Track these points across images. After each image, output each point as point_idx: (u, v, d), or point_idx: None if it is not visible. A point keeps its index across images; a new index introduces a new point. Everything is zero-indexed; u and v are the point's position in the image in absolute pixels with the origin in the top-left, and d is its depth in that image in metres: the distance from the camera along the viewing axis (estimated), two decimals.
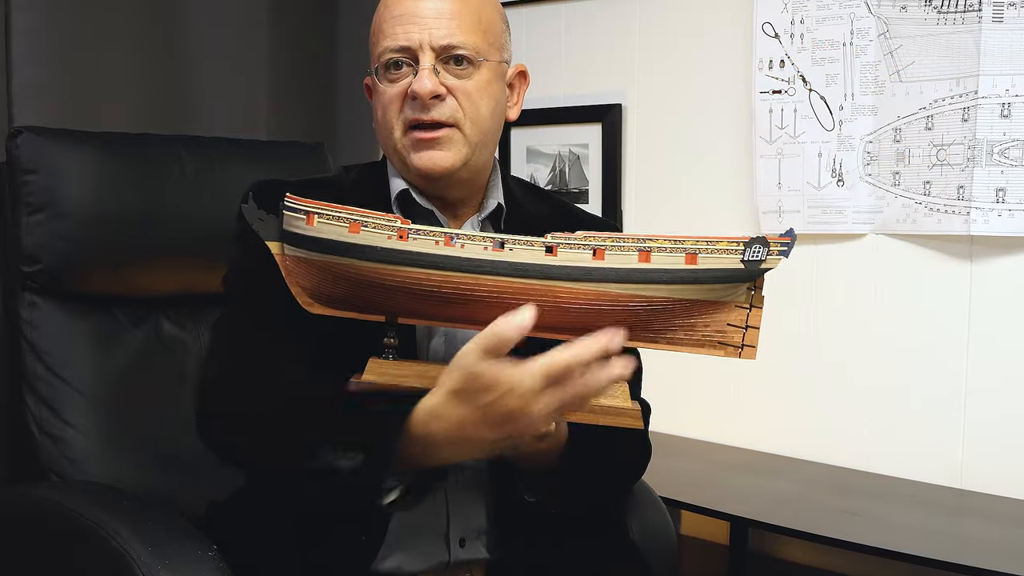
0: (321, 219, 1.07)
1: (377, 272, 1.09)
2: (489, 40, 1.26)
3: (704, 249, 1.08)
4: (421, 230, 1.08)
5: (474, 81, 1.25)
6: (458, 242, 1.07)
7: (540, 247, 1.07)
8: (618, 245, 1.08)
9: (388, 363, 1.13)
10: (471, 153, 1.26)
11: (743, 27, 2.23)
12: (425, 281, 1.08)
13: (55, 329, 1.56)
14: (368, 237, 1.07)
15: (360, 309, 1.13)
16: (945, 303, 2.01)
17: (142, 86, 2.22)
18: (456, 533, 1.29)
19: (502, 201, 1.34)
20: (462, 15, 1.24)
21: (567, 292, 1.08)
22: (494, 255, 1.07)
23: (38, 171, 1.54)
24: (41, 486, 1.49)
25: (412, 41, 1.22)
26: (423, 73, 1.21)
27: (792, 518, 1.78)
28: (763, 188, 2.21)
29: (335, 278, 1.10)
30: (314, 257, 1.09)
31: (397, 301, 1.11)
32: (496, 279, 1.08)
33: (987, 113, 1.90)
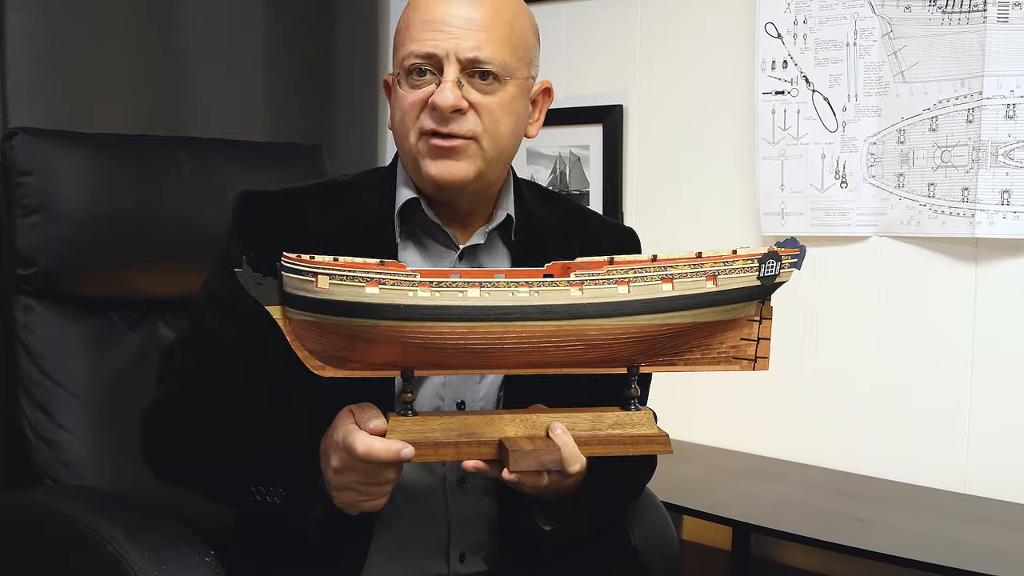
0: (333, 280, 1.01)
1: (400, 331, 1.04)
2: (518, 55, 1.23)
3: (723, 270, 1.09)
4: (443, 281, 1.03)
5: (498, 98, 1.21)
6: (484, 290, 1.04)
7: (566, 286, 1.06)
8: (641, 275, 1.07)
9: (409, 420, 1.10)
10: (485, 167, 1.23)
11: (745, 27, 2.22)
12: (450, 334, 1.05)
13: (50, 332, 1.56)
14: (388, 295, 1.02)
15: (376, 367, 1.09)
16: (950, 306, 2.00)
17: (138, 87, 2.22)
18: (457, 548, 1.29)
19: (512, 212, 1.31)
20: (493, 27, 1.20)
21: (596, 329, 1.08)
22: (521, 301, 1.05)
23: (33, 173, 1.53)
24: (36, 490, 1.49)
25: (439, 49, 1.18)
26: (446, 85, 1.18)
27: (795, 523, 1.77)
28: (765, 190, 2.20)
29: (351, 340, 1.05)
30: (327, 321, 1.03)
31: (417, 356, 1.07)
32: (524, 324, 1.06)
33: (992, 114, 1.89)
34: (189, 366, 1.26)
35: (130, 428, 1.53)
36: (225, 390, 1.22)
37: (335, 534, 1.22)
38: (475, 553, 1.30)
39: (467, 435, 1.11)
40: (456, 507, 1.28)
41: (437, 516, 1.27)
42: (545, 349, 1.08)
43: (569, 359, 1.10)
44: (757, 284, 1.11)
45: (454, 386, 1.26)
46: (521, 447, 1.09)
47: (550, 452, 1.09)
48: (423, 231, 1.28)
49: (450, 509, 1.27)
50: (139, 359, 1.61)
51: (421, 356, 1.07)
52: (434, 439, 1.09)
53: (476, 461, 1.11)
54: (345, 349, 1.06)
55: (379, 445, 1.07)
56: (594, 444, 1.14)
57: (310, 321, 1.03)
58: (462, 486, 1.27)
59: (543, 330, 1.07)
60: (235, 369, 1.22)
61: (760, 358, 1.15)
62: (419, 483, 1.25)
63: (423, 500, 1.26)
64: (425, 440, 1.09)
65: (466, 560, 1.29)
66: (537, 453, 1.09)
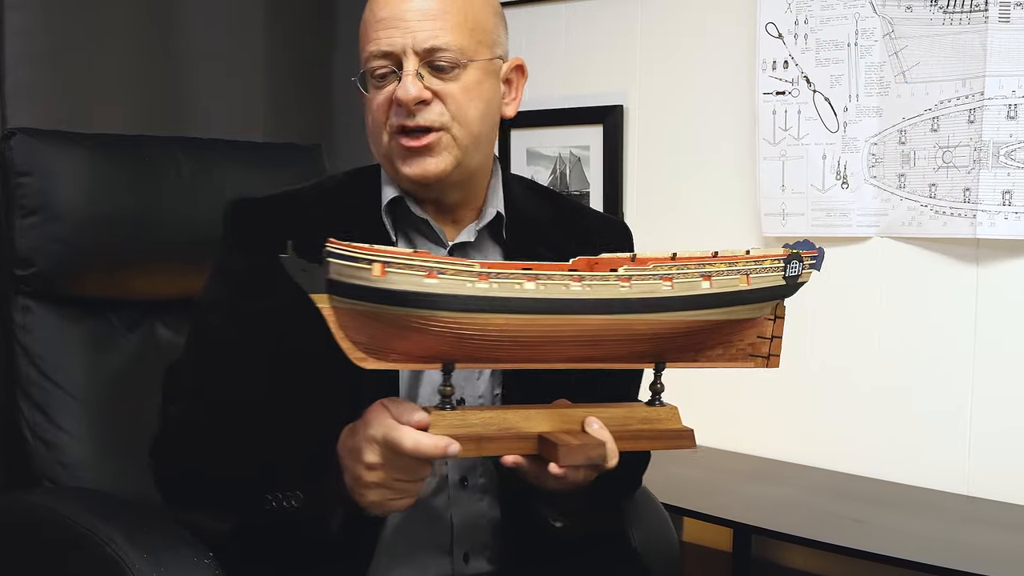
0: (391, 269, 0.99)
1: (458, 322, 1.03)
2: (477, 38, 1.22)
3: (755, 269, 1.12)
4: (501, 273, 1.03)
5: (461, 83, 1.21)
6: (540, 283, 1.04)
7: (615, 280, 1.07)
8: (683, 272, 1.09)
9: (450, 414, 1.08)
10: (462, 156, 1.23)
11: (746, 27, 2.22)
12: (506, 327, 1.05)
13: (49, 333, 1.55)
14: (447, 286, 1.01)
15: (422, 360, 1.07)
16: (951, 307, 2.00)
17: (137, 87, 2.22)
18: (460, 548, 1.28)
19: (501, 209, 1.31)
20: (447, 14, 1.20)
21: (643, 324, 1.09)
22: (575, 294, 1.05)
23: (32, 173, 1.53)
24: (35, 492, 1.48)
25: (395, 46, 1.19)
26: (406, 79, 1.18)
27: (796, 525, 1.77)
28: (766, 190, 2.20)
29: (402, 330, 1.03)
30: (380, 310, 1.01)
31: (469, 349, 1.06)
32: (577, 318, 1.06)
33: (993, 114, 1.89)
34: (200, 383, 1.24)
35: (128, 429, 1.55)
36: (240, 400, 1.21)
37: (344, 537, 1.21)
38: (479, 553, 1.29)
39: (507, 430, 1.10)
40: (458, 507, 1.27)
41: (440, 516, 1.26)
42: (594, 343, 1.09)
43: (613, 353, 1.12)
44: (783, 284, 1.15)
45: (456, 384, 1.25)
46: (569, 442, 1.09)
47: (597, 447, 1.10)
48: (412, 228, 1.28)
49: (452, 509, 1.27)
50: (138, 360, 1.61)
51: (473, 349, 1.06)
52: (477, 433, 1.08)
53: (516, 456, 1.11)
54: (393, 340, 1.04)
55: (428, 441, 1.05)
56: (625, 439, 1.14)
57: (360, 311, 1.01)
58: (464, 485, 1.27)
59: (594, 324, 1.07)
60: (249, 376, 1.21)
61: (772, 355, 1.19)
62: None
63: (426, 500, 1.25)
64: (468, 435, 1.08)
65: (470, 561, 1.29)
66: (585, 448, 1.09)
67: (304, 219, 1.26)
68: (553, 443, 1.08)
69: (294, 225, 1.24)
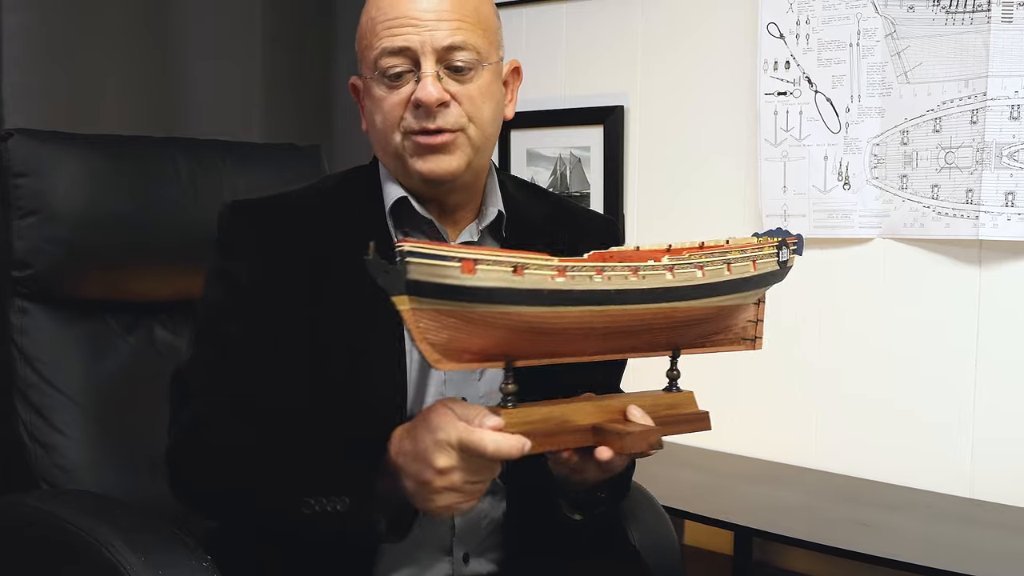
0: (482, 265, 0.98)
1: (541, 317, 1.03)
2: (489, 38, 1.22)
3: (759, 256, 1.17)
4: (575, 266, 1.04)
5: (477, 85, 1.21)
6: (607, 274, 1.05)
7: (662, 270, 1.09)
8: (711, 260, 1.13)
9: (516, 412, 1.08)
10: (473, 156, 1.23)
11: (747, 27, 2.22)
12: (577, 319, 1.05)
13: (46, 335, 1.55)
14: (532, 280, 1.01)
15: (493, 358, 1.07)
16: (954, 308, 2.00)
17: (135, 88, 2.21)
18: (460, 548, 1.28)
19: (502, 208, 1.31)
20: (462, 14, 1.19)
21: (683, 311, 1.12)
22: (632, 284, 1.07)
23: (29, 174, 1.52)
24: (32, 495, 1.47)
25: (412, 43, 1.17)
26: (427, 80, 1.17)
27: (797, 528, 1.77)
28: (768, 191, 2.19)
29: (485, 328, 1.02)
30: (468, 309, 1.00)
31: (542, 344, 1.07)
32: (638, 308, 1.08)
33: (996, 115, 1.88)
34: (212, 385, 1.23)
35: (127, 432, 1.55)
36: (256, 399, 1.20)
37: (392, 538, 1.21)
38: (479, 555, 1.29)
39: (565, 424, 1.11)
40: None
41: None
42: (641, 332, 1.12)
43: (656, 341, 1.16)
44: (777, 269, 1.20)
45: (455, 383, 1.25)
46: (632, 430, 1.11)
47: (654, 432, 1.12)
48: (415, 229, 1.27)
49: None
50: (136, 362, 1.60)
51: (546, 344, 1.07)
52: (542, 430, 1.09)
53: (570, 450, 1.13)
54: (472, 339, 1.03)
55: (508, 443, 1.03)
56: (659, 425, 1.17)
57: (443, 311, 1.00)
58: None
59: (646, 313, 1.09)
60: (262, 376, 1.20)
61: (757, 338, 1.24)
62: None
63: None
64: (536, 431, 1.08)
65: (470, 561, 1.28)
66: (646, 435, 1.11)
67: (302, 221, 1.25)
68: (617, 432, 1.10)
69: (291, 227, 1.25)
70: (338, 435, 1.14)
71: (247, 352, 1.21)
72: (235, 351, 1.22)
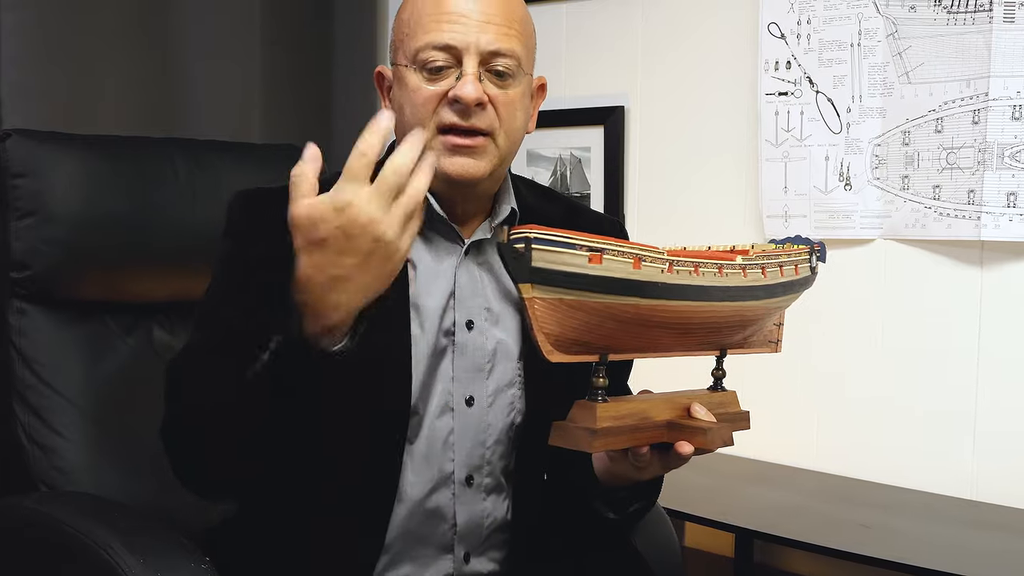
0: (609, 256, 0.98)
1: (653, 309, 1.04)
2: (529, 51, 1.24)
3: (797, 261, 1.21)
4: (680, 260, 1.05)
5: (513, 92, 1.22)
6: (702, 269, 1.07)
7: (737, 270, 1.12)
8: (769, 263, 1.17)
9: (605, 405, 1.08)
10: (499, 164, 1.23)
11: (748, 27, 2.21)
12: (680, 313, 1.07)
13: (44, 337, 1.54)
14: (648, 273, 1.02)
15: (596, 351, 1.07)
16: (956, 310, 2.00)
17: (133, 88, 2.21)
18: (461, 547, 1.28)
19: (515, 205, 1.31)
20: (510, 22, 1.20)
21: (751, 311, 1.16)
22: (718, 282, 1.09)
23: (27, 175, 1.51)
24: (30, 497, 1.47)
25: (458, 41, 1.18)
26: (468, 78, 1.17)
27: (799, 530, 1.76)
28: (769, 192, 2.19)
29: (600, 320, 1.02)
30: (592, 299, 1.00)
31: (648, 336, 1.08)
32: (723, 305, 1.11)
33: (998, 115, 1.88)
34: None
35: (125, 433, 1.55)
36: None
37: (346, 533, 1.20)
38: (480, 554, 1.29)
39: (646, 419, 1.12)
40: (463, 505, 1.27)
41: (443, 515, 1.26)
42: (718, 329, 1.15)
43: (719, 339, 1.19)
44: (810, 275, 1.24)
45: (464, 382, 1.26)
46: (707, 426, 1.13)
47: (727, 429, 1.15)
48: (427, 225, 1.26)
49: (457, 507, 1.27)
50: (135, 363, 1.59)
51: (650, 336, 1.08)
52: (630, 424, 1.10)
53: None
54: (583, 331, 1.03)
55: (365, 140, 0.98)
56: None
57: (565, 300, 0.99)
58: (469, 484, 1.27)
59: (726, 311, 1.12)
60: None
61: (779, 341, 1.29)
62: (426, 481, 1.24)
63: (429, 497, 1.25)
64: (624, 426, 1.09)
65: (471, 560, 1.29)
66: (721, 430, 1.13)
67: None
68: (698, 428, 1.13)
69: None
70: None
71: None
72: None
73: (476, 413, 1.26)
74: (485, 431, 1.26)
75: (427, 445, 1.23)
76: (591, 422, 1.06)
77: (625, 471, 1.18)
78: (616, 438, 1.09)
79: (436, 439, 1.24)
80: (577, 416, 1.08)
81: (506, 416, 1.27)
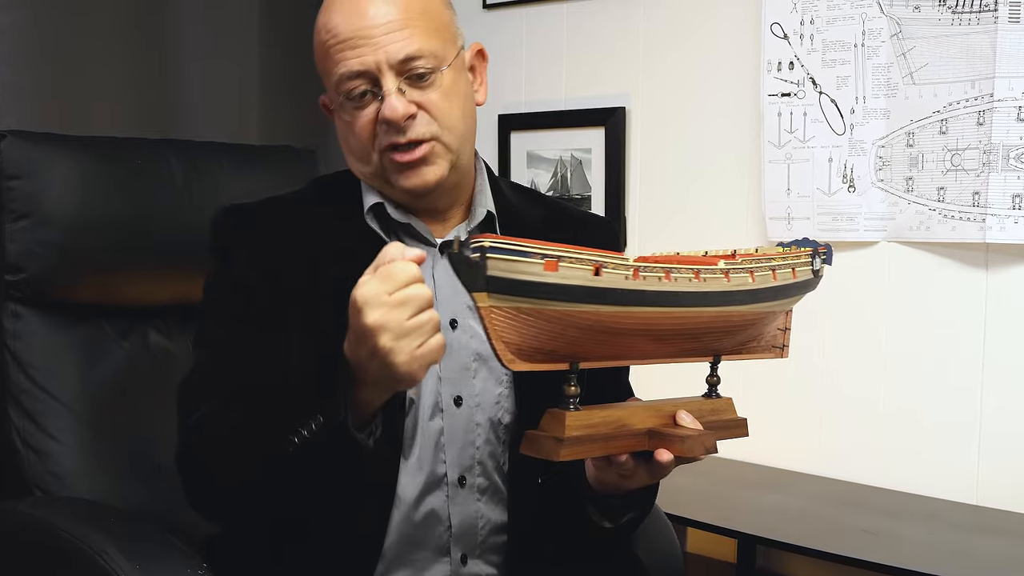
0: (565, 263, 0.98)
1: (615, 317, 1.03)
2: (443, 36, 1.22)
3: (797, 264, 1.19)
4: (647, 267, 1.04)
5: (440, 89, 1.21)
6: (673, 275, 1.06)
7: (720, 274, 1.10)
8: (760, 266, 1.15)
9: (577, 414, 1.08)
10: (455, 159, 1.24)
11: (751, 28, 2.21)
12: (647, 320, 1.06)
13: (39, 340, 1.54)
14: (609, 280, 1.01)
15: (562, 359, 1.06)
16: (960, 312, 1.99)
17: (130, 89, 2.22)
18: (457, 549, 1.27)
19: (492, 208, 1.31)
20: (411, 20, 1.19)
21: (737, 316, 1.14)
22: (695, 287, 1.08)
23: (21, 176, 1.51)
24: (25, 502, 1.46)
25: (367, 64, 1.18)
26: (391, 98, 1.18)
27: (801, 535, 1.76)
28: (771, 194, 2.18)
29: (564, 328, 1.02)
30: (548, 307, 0.99)
31: (614, 345, 1.07)
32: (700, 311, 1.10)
33: (1003, 116, 1.87)
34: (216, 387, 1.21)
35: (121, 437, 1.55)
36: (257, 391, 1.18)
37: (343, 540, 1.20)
38: (477, 556, 1.29)
39: (623, 427, 1.12)
40: (457, 507, 1.26)
41: (438, 516, 1.26)
42: (698, 336, 1.14)
43: (706, 345, 1.17)
44: (811, 278, 1.22)
45: (452, 382, 1.25)
46: (687, 434, 1.12)
47: (710, 437, 1.14)
48: (401, 229, 1.28)
49: (451, 509, 1.26)
50: (130, 367, 1.59)
51: (616, 344, 1.07)
52: (604, 432, 1.09)
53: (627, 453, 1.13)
54: (546, 339, 1.03)
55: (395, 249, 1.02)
56: None
57: (522, 309, 0.99)
58: (462, 485, 1.26)
59: (707, 317, 1.11)
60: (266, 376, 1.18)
61: (785, 346, 1.27)
62: (419, 482, 1.24)
63: (424, 500, 1.25)
64: (597, 434, 1.09)
65: (468, 563, 1.28)
66: (703, 438, 1.13)
67: (294, 223, 1.27)
68: (678, 436, 1.12)
69: (284, 229, 1.26)
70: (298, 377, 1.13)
71: (249, 352, 1.21)
72: (238, 352, 1.21)
73: (465, 413, 1.25)
74: (474, 431, 1.26)
75: (420, 447, 1.23)
76: (559, 431, 1.06)
77: (612, 479, 1.17)
78: (587, 447, 1.08)
79: (428, 441, 1.24)
80: (546, 424, 1.08)
81: (494, 415, 1.27)
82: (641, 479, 1.16)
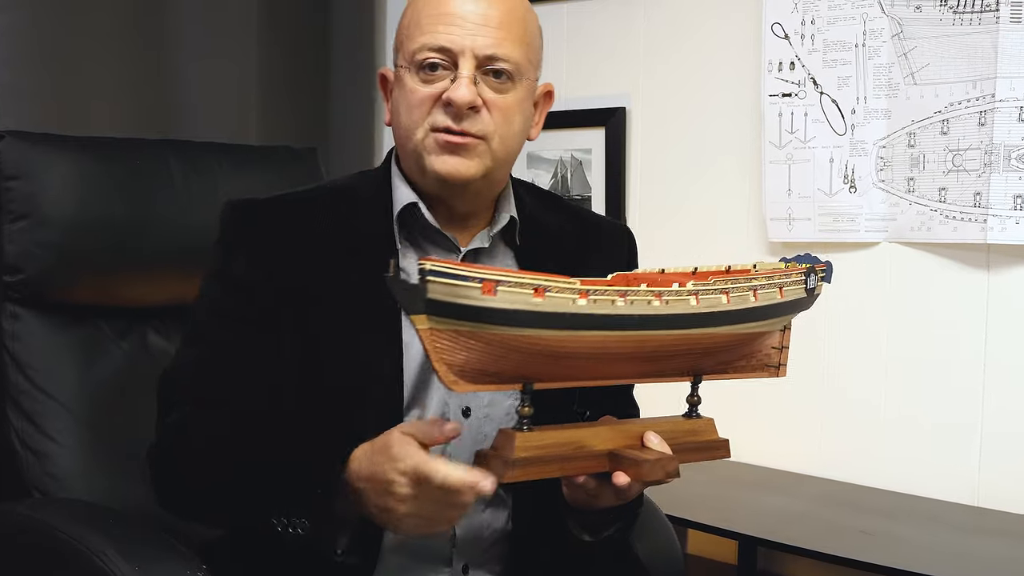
0: (503, 287, 0.97)
1: (560, 340, 1.02)
2: (529, 56, 1.22)
3: (786, 283, 1.16)
4: (598, 289, 1.03)
5: (510, 98, 1.21)
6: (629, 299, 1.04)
7: (688, 295, 1.08)
8: (737, 286, 1.12)
9: (529, 435, 1.07)
10: (493, 168, 1.22)
11: (752, 28, 2.21)
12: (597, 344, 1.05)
13: (38, 341, 1.53)
14: (553, 303, 1.00)
15: (510, 380, 1.06)
16: (962, 313, 1.99)
17: (128, 89, 2.22)
18: (460, 559, 1.27)
19: (515, 214, 1.30)
20: (509, 26, 1.19)
21: (706, 337, 1.11)
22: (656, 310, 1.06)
23: (20, 177, 1.50)
24: (24, 503, 1.46)
25: (454, 44, 1.18)
26: (462, 81, 1.17)
27: (802, 537, 1.76)
28: (772, 195, 2.18)
29: (506, 352, 1.01)
30: (486, 331, 0.99)
31: (561, 368, 1.06)
32: (661, 334, 1.08)
33: (1004, 117, 1.87)
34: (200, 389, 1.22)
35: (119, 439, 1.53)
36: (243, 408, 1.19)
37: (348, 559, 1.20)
38: (479, 566, 1.28)
39: (581, 449, 1.11)
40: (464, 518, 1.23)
41: None
42: (658, 358, 1.11)
43: (678, 367, 1.16)
44: (804, 296, 1.19)
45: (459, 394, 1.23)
46: (649, 458, 1.10)
47: (672, 460, 1.12)
48: (423, 235, 1.27)
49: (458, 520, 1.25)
50: (129, 368, 1.58)
51: (564, 367, 1.06)
52: (559, 454, 1.09)
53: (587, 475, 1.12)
54: (490, 361, 1.02)
55: (457, 476, 1.01)
56: (676, 452, 1.16)
57: (461, 331, 0.99)
58: None
59: (668, 339, 1.09)
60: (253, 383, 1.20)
61: (782, 365, 1.24)
62: None
63: None
64: (550, 455, 1.08)
65: (470, 572, 1.28)
66: (663, 462, 1.11)
67: (305, 221, 1.25)
68: (634, 460, 1.10)
69: (293, 227, 1.25)
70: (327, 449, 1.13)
71: (240, 354, 1.20)
72: (228, 353, 1.21)
73: (473, 424, 1.25)
74: (482, 443, 1.24)
75: None
76: (509, 451, 1.06)
77: (581, 498, 1.17)
78: (538, 468, 1.07)
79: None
80: (498, 444, 1.08)
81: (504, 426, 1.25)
82: (608, 499, 1.15)
